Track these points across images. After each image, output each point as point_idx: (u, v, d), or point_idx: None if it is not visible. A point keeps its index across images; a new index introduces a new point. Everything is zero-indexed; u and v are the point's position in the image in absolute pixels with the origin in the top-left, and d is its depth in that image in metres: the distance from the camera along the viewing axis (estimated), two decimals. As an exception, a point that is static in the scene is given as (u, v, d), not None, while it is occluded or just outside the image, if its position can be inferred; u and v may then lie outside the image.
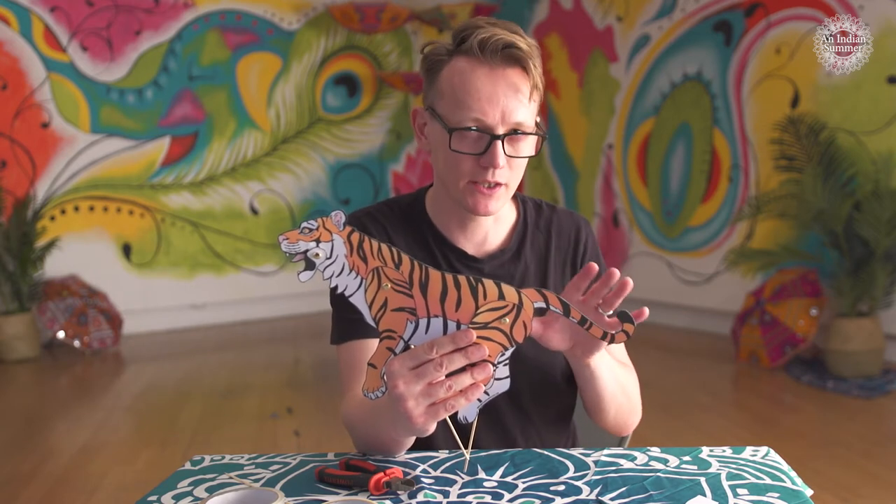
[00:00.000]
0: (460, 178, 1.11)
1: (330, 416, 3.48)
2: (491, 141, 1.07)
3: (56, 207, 5.36)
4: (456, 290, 0.88)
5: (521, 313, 0.87)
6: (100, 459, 3.14)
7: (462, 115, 1.07)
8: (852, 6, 3.90)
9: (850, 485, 2.59)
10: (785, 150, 4.09)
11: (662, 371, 4.10)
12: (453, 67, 1.09)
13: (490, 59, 1.07)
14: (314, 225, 0.88)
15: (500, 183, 1.10)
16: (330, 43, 6.22)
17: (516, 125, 1.08)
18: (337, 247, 0.88)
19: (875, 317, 3.75)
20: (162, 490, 0.99)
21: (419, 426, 0.87)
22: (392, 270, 0.89)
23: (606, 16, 5.44)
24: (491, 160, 1.07)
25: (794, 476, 0.97)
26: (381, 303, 0.89)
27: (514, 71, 1.08)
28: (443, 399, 0.86)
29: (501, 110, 1.06)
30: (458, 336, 0.85)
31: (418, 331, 0.89)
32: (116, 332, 5.12)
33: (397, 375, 0.86)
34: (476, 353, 0.85)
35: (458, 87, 1.08)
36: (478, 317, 0.87)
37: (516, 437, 1.23)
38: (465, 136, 1.08)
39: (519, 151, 1.10)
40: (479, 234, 1.21)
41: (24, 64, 5.23)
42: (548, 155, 6.10)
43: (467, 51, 1.08)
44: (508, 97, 1.07)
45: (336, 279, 0.89)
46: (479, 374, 0.86)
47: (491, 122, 1.07)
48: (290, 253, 0.87)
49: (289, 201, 6.15)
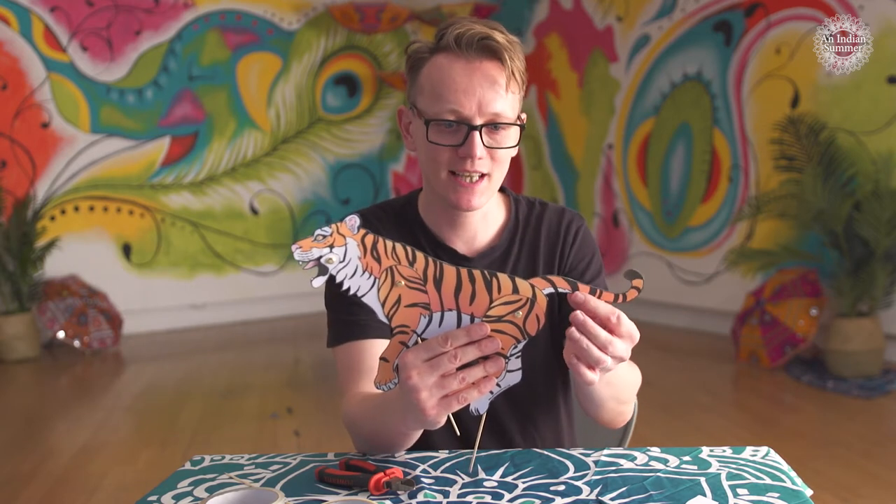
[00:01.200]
0: (440, 170, 1.11)
1: (330, 416, 3.48)
2: (469, 132, 1.08)
3: (56, 207, 5.36)
4: (471, 284, 0.89)
5: (534, 307, 0.88)
6: (100, 459, 3.14)
7: (439, 108, 1.09)
8: (852, 6, 3.90)
9: (850, 485, 2.59)
10: (785, 150, 4.09)
11: (662, 371, 4.10)
12: (433, 64, 1.11)
13: (466, 51, 1.08)
14: (328, 231, 0.88)
15: (483, 174, 1.10)
16: (330, 43, 6.22)
17: (494, 116, 1.08)
18: (350, 250, 0.88)
19: (875, 317, 3.75)
20: (162, 490, 0.99)
21: (431, 417, 0.88)
22: (406, 268, 0.89)
23: (606, 16, 5.44)
24: (468, 150, 1.08)
25: (794, 476, 0.97)
26: (394, 300, 0.89)
27: (490, 63, 1.09)
28: (455, 391, 0.86)
29: (478, 101, 1.07)
30: (473, 329, 0.86)
31: (432, 324, 0.90)
32: (116, 332, 5.12)
33: (411, 366, 0.86)
34: (489, 346, 0.86)
35: (436, 81, 1.09)
36: (492, 310, 0.88)
37: (514, 436, 1.23)
38: (443, 129, 1.09)
39: (499, 143, 1.10)
40: (469, 233, 1.21)
41: (24, 64, 5.23)
42: (548, 155, 6.10)
43: (446, 47, 1.10)
44: (485, 88, 1.08)
45: (349, 281, 0.89)
46: (492, 367, 0.87)
47: (468, 112, 1.08)
48: (304, 261, 0.87)
49: (289, 201, 6.15)
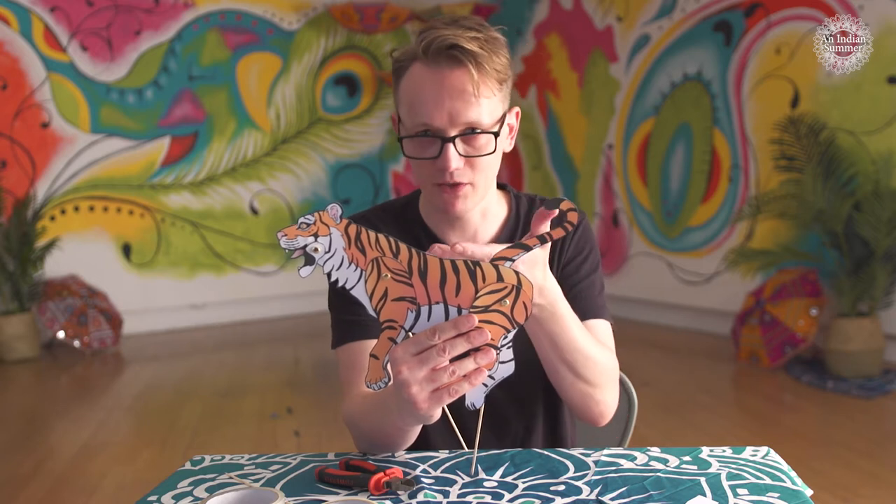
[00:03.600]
0: (426, 182, 1.12)
1: (330, 416, 3.48)
2: (442, 144, 1.07)
3: (56, 207, 5.36)
4: (455, 275, 0.88)
5: (520, 294, 0.87)
6: (100, 459, 3.14)
7: (413, 121, 1.08)
8: (852, 6, 3.90)
9: (850, 485, 2.59)
10: (785, 150, 4.09)
11: (662, 371, 4.10)
12: (410, 74, 1.10)
13: (435, 60, 1.07)
14: (311, 220, 0.88)
15: (463, 183, 1.10)
16: (330, 43, 6.22)
17: (468, 125, 1.07)
18: (335, 240, 0.88)
19: (875, 317, 3.75)
20: (162, 490, 0.99)
21: (423, 412, 0.87)
22: (391, 260, 0.89)
23: (606, 16, 5.44)
24: (443, 163, 1.07)
25: (794, 476, 0.97)
26: (381, 293, 0.89)
27: (459, 71, 1.06)
28: (447, 384, 0.86)
29: (448, 112, 1.06)
30: (460, 321, 0.85)
31: (420, 319, 0.89)
32: (116, 332, 5.12)
33: (401, 361, 0.86)
34: (478, 338, 0.85)
35: (411, 93, 1.09)
36: (478, 300, 0.87)
37: (515, 436, 1.23)
38: (419, 141, 1.09)
39: (479, 149, 1.09)
40: (469, 231, 1.21)
41: (24, 64, 5.23)
42: (548, 155, 6.10)
43: (420, 55, 1.08)
44: (454, 98, 1.06)
45: (336, 272, 0.89)
46: (483, 358, 0.86)
47: (439, 125, 1.07)
48: (289, 249, 0.87)
49: (289, 201, 6.15)
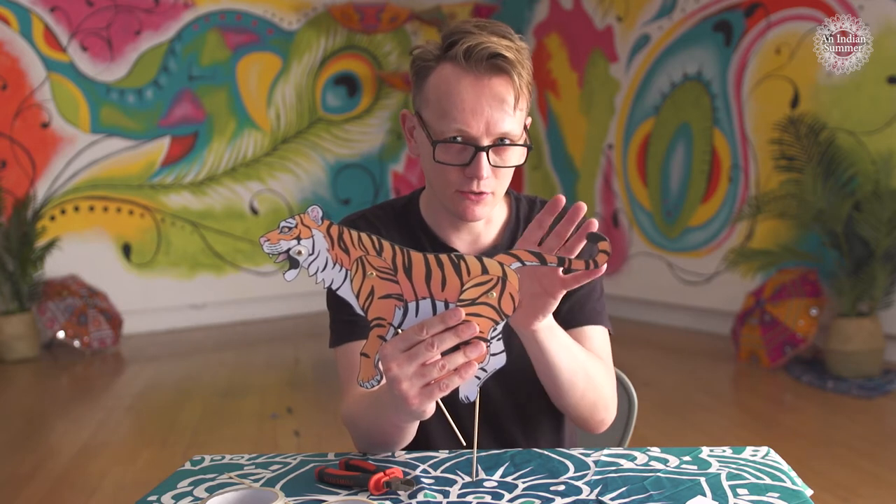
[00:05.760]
0: (447, 188, 1.11)
1: (330, 416, 3.48)
2: (475, 153, 1.06)
3: (56, 207, 5.36)
4: (440, 269, 0.88)
5: (506, 285, 0.87)
6: (100, 459, 3.14)
7: (446, 126, 1.06)
8: (852, 6, 3.90)
9: (850, 485, 2.59)
10: (785, 150, 4.09)
11: (662, 371, 4.10)
12: (440, 74, 1.08)
13: (475, 68, 1.05)
14: (293, 223, 0.88)
15: (486, 192, 1.10)
16: (330, 43, 6.22)
17: (502, 135, 1.07)
18: (318, 242, 0.88)
19: (875, 317, 3.75)
20: (162, 490, 0.99)
21: (415, 407, 0.87)
22: (375, 258, 0.89)
23: (606, 16, 5.44)
24: (475, 171, 1.06)
25: (794, 476, 0.97)
26: (367, 291, 0.89)
27: (499, 80, 1.06)
28: (437, 378, 0.86)
29: (486, 121, 1.05)
30: (447, 315, 0.85)
31: (409, 315, 0.89)
32: (116, 332, 5.12)
33: (390, 358, 0.86)
34: (466, 331, 0.85)
35: (443, 96, 1.07)
36: (464, 293, 0.87)
37: (515, 436, 1.23)
38: (449, 147, 1.08)
39: (505, 161, 1.09)
40: (471, 234, 1.21)
41: (24, 64, 5.23)
42: (548, 155, 6.10)
43: (454, 57, 1.06)
44: (493, 108, 1.05)
45: (321, 274, 0.89)
46: (473, 351, 0.86)
47: (475, 133, 1.06)
48: (273, 253, 0.88)
49: (289, 201, 6.15)
